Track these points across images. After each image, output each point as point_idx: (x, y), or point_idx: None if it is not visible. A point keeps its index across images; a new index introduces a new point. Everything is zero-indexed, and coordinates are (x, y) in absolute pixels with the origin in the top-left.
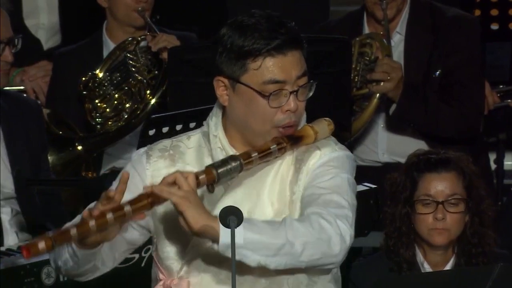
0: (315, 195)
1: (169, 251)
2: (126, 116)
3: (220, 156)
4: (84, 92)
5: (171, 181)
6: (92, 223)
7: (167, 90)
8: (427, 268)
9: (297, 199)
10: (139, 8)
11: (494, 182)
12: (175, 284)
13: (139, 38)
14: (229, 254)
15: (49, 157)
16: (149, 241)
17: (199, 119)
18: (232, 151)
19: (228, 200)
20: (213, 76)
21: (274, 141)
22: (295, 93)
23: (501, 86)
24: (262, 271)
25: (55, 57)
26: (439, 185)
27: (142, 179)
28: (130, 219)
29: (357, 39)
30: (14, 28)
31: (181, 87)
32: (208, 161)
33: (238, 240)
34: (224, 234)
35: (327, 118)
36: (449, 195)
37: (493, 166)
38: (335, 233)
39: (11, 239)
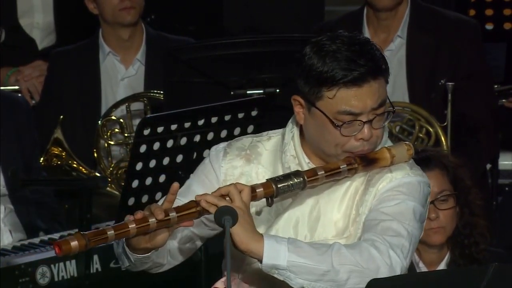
0: (376, 220)
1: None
2: None
3: (291, 163)
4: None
5: (225, 193)
6: (132, 226)
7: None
8: (422, 267)
9: (361, 220)
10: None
11: (489, 181)
12: (235, 283)
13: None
14: (272, 274)
15: None
16: None
17: (194, 119)
18: (304, 160)
19: (295, 212)
20: (208, 76)
21: (345, 160)
22: (370, 122)
23: (496, 86)
24: None
25: (52, 56)
26: None
27: (216, 175)
28: (176, 226)
29: (419, 119)
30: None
31: (177, 87)
32: (279, 167)
33: (282, 262)
34: (267, 255)
35: (407, 142)
36: (438, 193)
37: (488, 166)
38: (384, 264)
39: (6, 238)
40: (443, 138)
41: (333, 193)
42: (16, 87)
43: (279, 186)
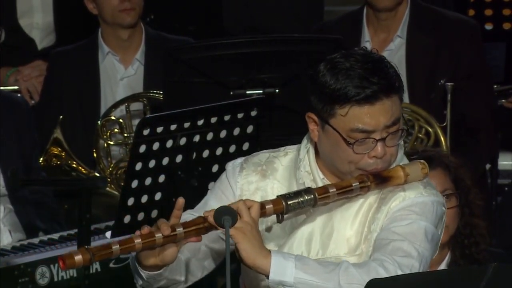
0: (386, 240)
1: (245, 275)
2: None
3: (306, 179)
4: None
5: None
6: (138, 240)
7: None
8: None
9: (372, 238)
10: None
11: (488, 181)
12: None
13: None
14: None
15: None
16: None
17: (194, 119)
18: (319, 176)
19: (308, 228)
20: (208, 76)
21: (357, 178)
22: (383, 140)
23: (496, 86)
24: None
25: (51, 56)
26: None
27: (233, 190)
28: (184, 241)
29: (418, 119)
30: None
31: (176, 87)
32: (293, 182)
33: (289, 278)
34: (274, 271)
35: (422, 161)
36: (440, 192)
37: (487, 166)
38: None
39: (5, 238)
40: (442, 139)
41: (347, 210)
42: (16, 87)
43: (289, 203)
